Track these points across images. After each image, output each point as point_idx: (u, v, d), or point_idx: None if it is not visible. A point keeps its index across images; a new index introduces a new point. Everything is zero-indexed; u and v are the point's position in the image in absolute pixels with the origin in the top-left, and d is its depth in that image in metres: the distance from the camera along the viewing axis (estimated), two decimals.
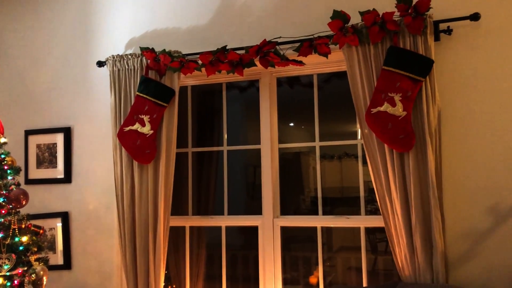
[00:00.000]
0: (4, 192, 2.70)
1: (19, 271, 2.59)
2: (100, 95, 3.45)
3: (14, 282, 2.57)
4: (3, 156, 2.78)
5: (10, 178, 2.75)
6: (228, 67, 2.96)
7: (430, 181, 2.52)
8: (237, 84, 3.54)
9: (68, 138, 3.50)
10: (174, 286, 3.44)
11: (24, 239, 2.67)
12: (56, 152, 3.52)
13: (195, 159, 3.56)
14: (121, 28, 3.47)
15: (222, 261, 3.31)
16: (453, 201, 2.64)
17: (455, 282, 2.58)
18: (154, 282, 3.02)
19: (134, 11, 3.45)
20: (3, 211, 2.67)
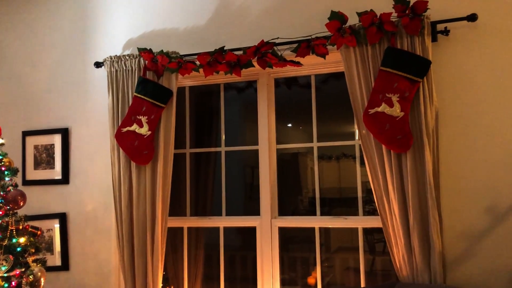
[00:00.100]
0: (1, 193, 2.69)
1: (16, 272, 2.58)
2: (98, 96, 3.45)
3: (12, 284, 2.56)
4: (0, 157, 2.77)
5: (7, 179, 2.74)
6: (226, 67, 2.96)
7: (427, 181, 2.52)
8: (235, 85, 3.54)
9: (66, 139, 3.49)
10: (172, 287, 3.44)
11: (22, 240, 2.66)
12: (53, 153, 3.51)
13: (193, 160, 3.56)
14: (119, 29, 3.47)
15: (220, 262, 3.31)
16: (451, 201, 2.64)
17: (453, 282, 2.58)
18: (152, 283, 3.02)
19: (132, 11, 3.45)
20: (0, 213, 2.66)
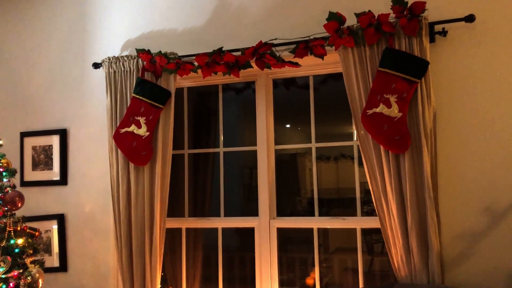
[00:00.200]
0: None
1: (14, 273, 2.57)
2: (96, 96, 3.45)
3: (10, 285, 2.55)
4: None
5: (5, 180, 2.73)
6: (224, 68, 2.96)
7: (425, 182, 2.53)
8: (233, 85, 3.54)
9: (64, 140, 3.48)
10: None
11: (20, 241, 2.66)
12: (51, 154, 3.51)
13: (191, 161, 3.56)
14: (117, 30, 3.47)
15: (218, 262, 3.30)
16: (448, 202, 2.64)
17: (451, 282, 2.58)
18: (150, 284, 3.02)
19: (130, 12, 3.45)
20: None
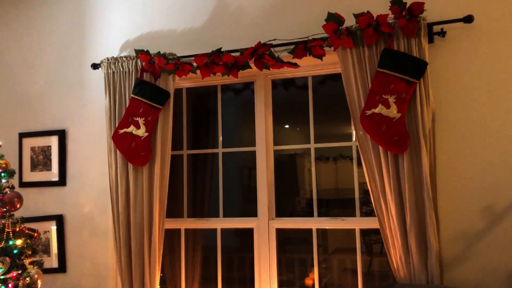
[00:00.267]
0: None
1: (13, 274, 2.57)
2: (95, 97, 3.44)
3: (8, 286, 2.55)
4: None
5: (4, 181, 2.73)
6: (223, 69, 2.96)
7: (424, 182, 2.53)
8: (232, 86, 3.54)
9: (63, 141, 3.48)
10: None
11: (18, 242, 2.65)
12: (50, 154, 3.50)
13: (190, 162, 3.56)
14: (115, 30, 3.47)
15: (217, 263, 3.30)
16: (447, 202, 2.65)
17: (450, 283, 2.59)
18: (149, 285, 3.02)
19: (129, 13, 3.45)
20: None
